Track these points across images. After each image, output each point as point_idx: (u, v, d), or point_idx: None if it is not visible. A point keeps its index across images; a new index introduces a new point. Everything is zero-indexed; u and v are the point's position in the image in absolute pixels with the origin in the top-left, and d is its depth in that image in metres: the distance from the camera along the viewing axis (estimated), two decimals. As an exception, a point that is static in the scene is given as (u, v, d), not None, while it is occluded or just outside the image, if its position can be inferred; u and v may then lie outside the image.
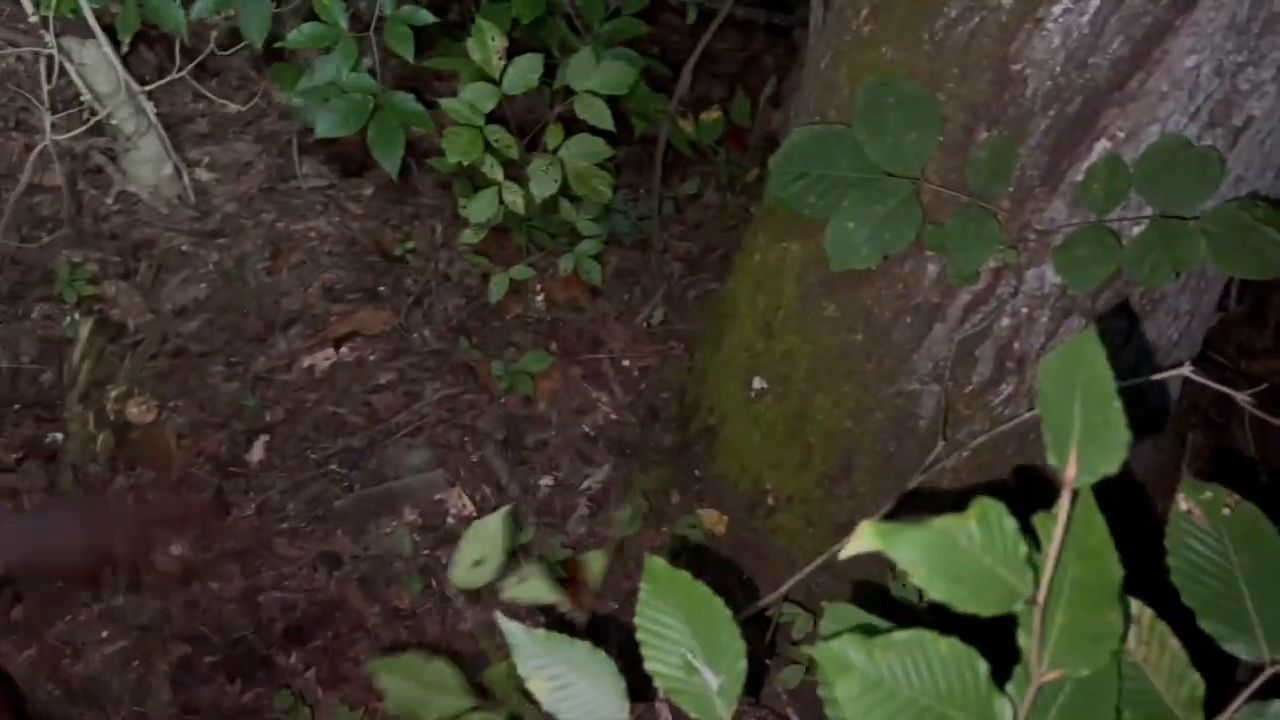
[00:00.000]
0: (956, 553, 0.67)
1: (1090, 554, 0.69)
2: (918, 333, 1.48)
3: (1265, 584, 0.77)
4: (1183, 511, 0.80)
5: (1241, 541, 0.79)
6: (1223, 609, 0.77)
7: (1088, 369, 0.68)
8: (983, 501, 0.69)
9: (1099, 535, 0.70)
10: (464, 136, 1.65)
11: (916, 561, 0.66)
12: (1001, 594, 0.67)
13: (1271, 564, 0.78)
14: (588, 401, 2.05)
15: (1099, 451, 0.66)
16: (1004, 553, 0.67)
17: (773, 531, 1.78)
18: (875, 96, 1.30)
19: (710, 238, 2.40)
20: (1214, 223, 1.16)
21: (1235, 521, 0.79)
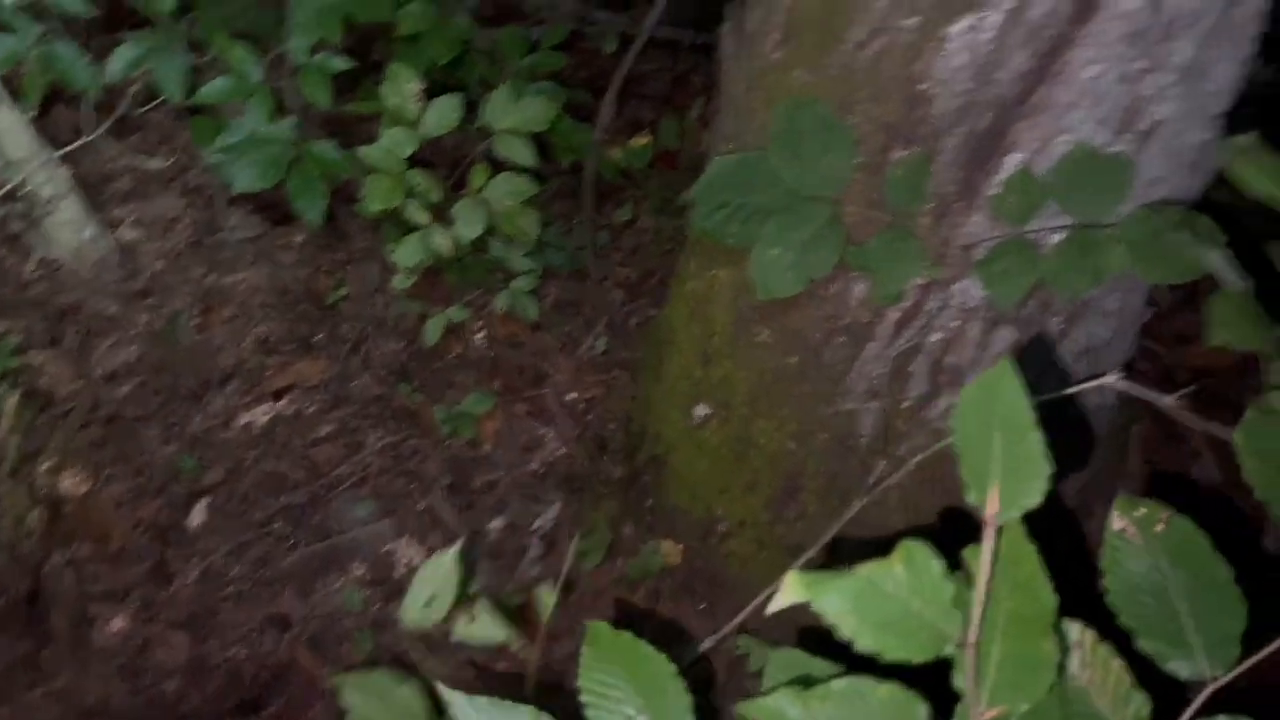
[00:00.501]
0: (883, 599, 0.66)
1: (1022, 585, 0.68)
2: (850, 352, 1.47)
3: (1202, 599, 0.77)
4: (1117, 530, 0.80)
5: (1177, 557, 0.78)
6: (1160, 628, 0.77)
7: (1005, 401, 0.67)
8: (908, 544, 0.68)
9: (1030, 565, 0.69)
10: (383, 184, 1.63)
11: (844, 612, 0.65)
12: (930, 639, 0.67)
13: (1207, 578, 0.77)
14: (534, 438, 2.03)
15: (1020, 485, 0.65)
16: (931, 595, 0.67)
17: (726, 558, 1.77)
18: (789, 122, 1.30)
19: (648, 262, 2.39)
20: (1130, 229, 1.16)
21: (1170, 537, 0.78)
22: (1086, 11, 1.11)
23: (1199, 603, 0.76)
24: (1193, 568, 0.77)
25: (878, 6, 1.20)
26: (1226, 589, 0.76)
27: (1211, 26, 1.16)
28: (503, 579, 1.82)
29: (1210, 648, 0.75)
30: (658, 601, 1.79)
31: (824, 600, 0.66)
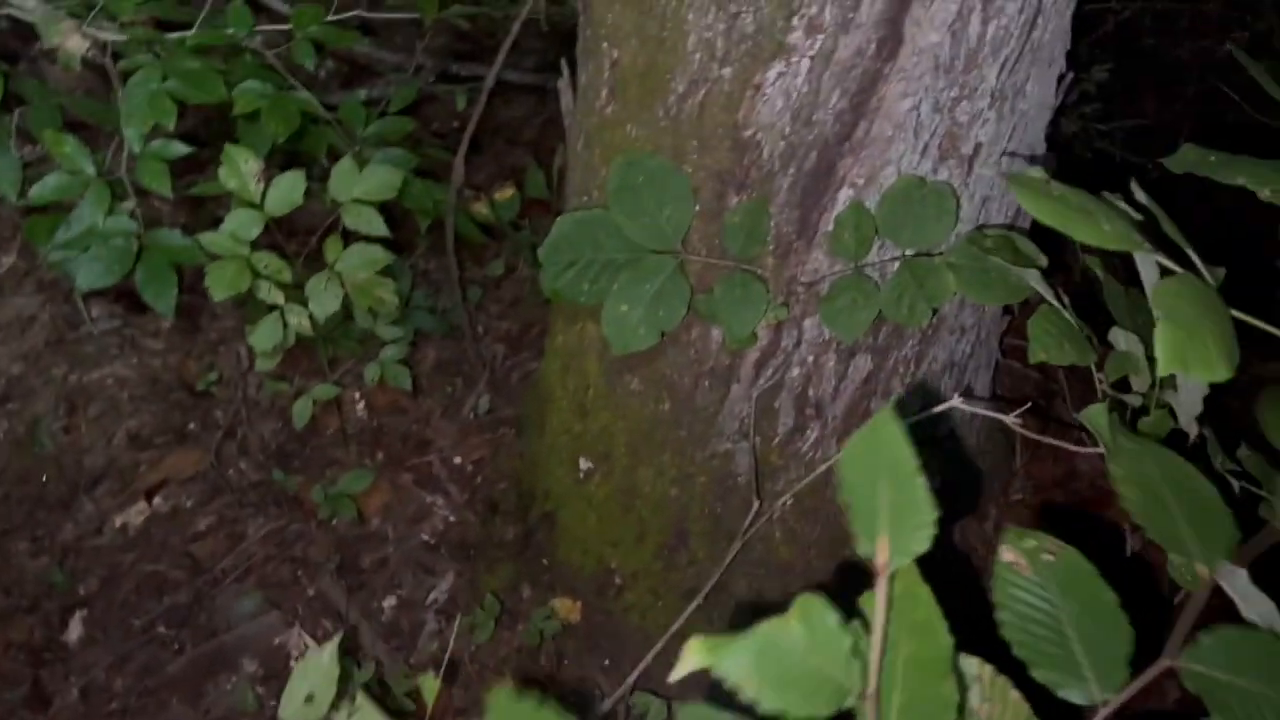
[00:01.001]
0: (783, 657, 0.65)
1: (919, 628, 0.68)
2: (718, 395, 1.47)
3: (1090, 625, 0.78)
4: (1006, 563, 0.80)
5: (1065, 587, 0.79)
6: (1053, 656, 0.78)
7: (888, 450, 0.67)
8: (804, 600, 0.67)
9: (925, 608, 0.69)
10: (228, 269, 1.58)
11: (745, 675, 0.64)
12: (831, 693, 0.66)
13: (1095, 605, 0.79)
14: (422, 508, 1.98)
15: (907, 532, 0.65)
16: (829, 649, 0.66)
17: (625, 611, 1.75)
18: (625, 176, 1.30)
19: (528, 314, 2.37)
20: (958, 256, 1.19)
21: (1058, 568, 0.80)
22: (891, 48, 1.13)
23: (1087, 629, 0.78)
24: (1081, 596, 0.79)
25: (694, 58, 1.21)
26: (1113, 614, 0.78)
27: (1015, 51, 1.19)
28: (400, 659, 1.77)
29: (1100, 673, 0.76)
30: (561, 664, 1.76)
31: (725, 665, 0.64)
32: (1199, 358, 0.63)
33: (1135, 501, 0.80)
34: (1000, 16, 1.14)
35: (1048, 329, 0.99)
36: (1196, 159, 0.84)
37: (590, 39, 1.36)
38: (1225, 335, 0.66)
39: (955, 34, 1.13)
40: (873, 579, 0.68)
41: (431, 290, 2.26)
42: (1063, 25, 1.26)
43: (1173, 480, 0.78)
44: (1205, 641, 0.74)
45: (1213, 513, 0.78)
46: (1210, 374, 0.62)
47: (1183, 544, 0.78)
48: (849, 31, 1.12)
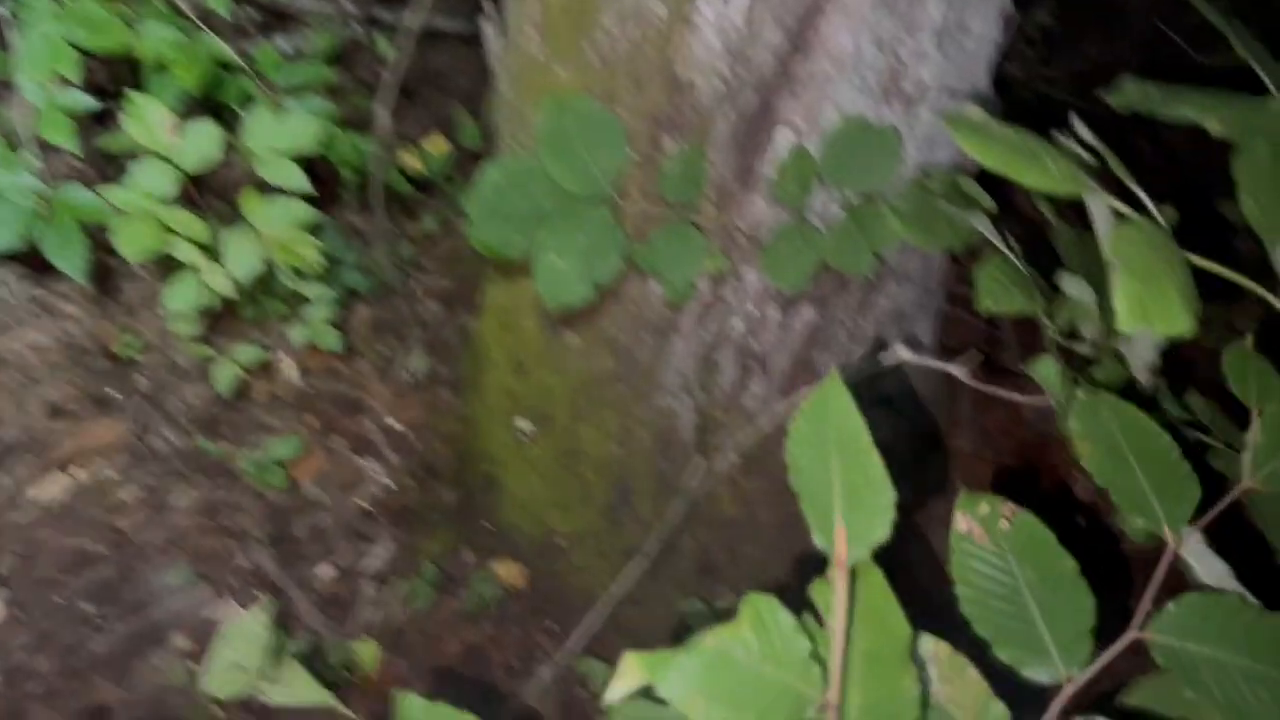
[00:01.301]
0: (735, 671, 0.58)
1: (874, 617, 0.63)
2: (659, 349, 1.42)
3: (1051, 596, 0.74)
4: (962, 533, 0.76)
5: (1023, 554, 0.75)
6: (1015, 633, 0.74)
7: (838, 423, 0.61)
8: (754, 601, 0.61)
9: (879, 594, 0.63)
10: (139, 228, 1.48)
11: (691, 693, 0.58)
12: (791, 705, 0.59)
13: (1054, 574, 0.75)
14: (357, 473, 1.92)
15: (865, 518, 0.60)
16: (785, 655, 0.60)
17: (569, 574, 1.71)
18: (555, 121, 1.23)
19: (464, 271, 2.29)
20: (903, 200, 1.14)
21: (1015, 534, 0.75)
22: (830, -19, 1.07)
23: (1048, 601, 0.74)
24: (1039, 564, 0.75)
25: (625, -8, 1.14)
26: (1074, 583, 0.74)
27: (959, -16, 1.14)
28: (336, 629, 1.71)
29: (1063, 648, 0.73)
30: (505, 626, 1.71)
31: (667, 683, 0.57)
32: (1160, 310, 0.59)
33: (1095, 460, 0.76)
34: (944, -54, 1.09)
35: (995, 277, 0.95)
36: (1138, 93, 0.80)
37: (515, -25, 1.28)
38: (1185, 285, 0.62)
39: (897, -36, 1.08)
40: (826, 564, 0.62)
41: (362, 247, 2.17)
42: (1008, -43, 1.21)
43: (1133, 436, 0.74)
44: (1173, 611, 0.71)
45: (1175, 471, 0.74)
46: (1173, 327, 0.58)
47: (1146, 505, 0.74)
48: (786, -38, 1.06)
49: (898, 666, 0.64)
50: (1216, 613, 0.73)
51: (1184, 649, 0.73)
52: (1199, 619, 0.73)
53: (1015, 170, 0.61)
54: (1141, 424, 0.79)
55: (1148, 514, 0.77)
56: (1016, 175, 0.61)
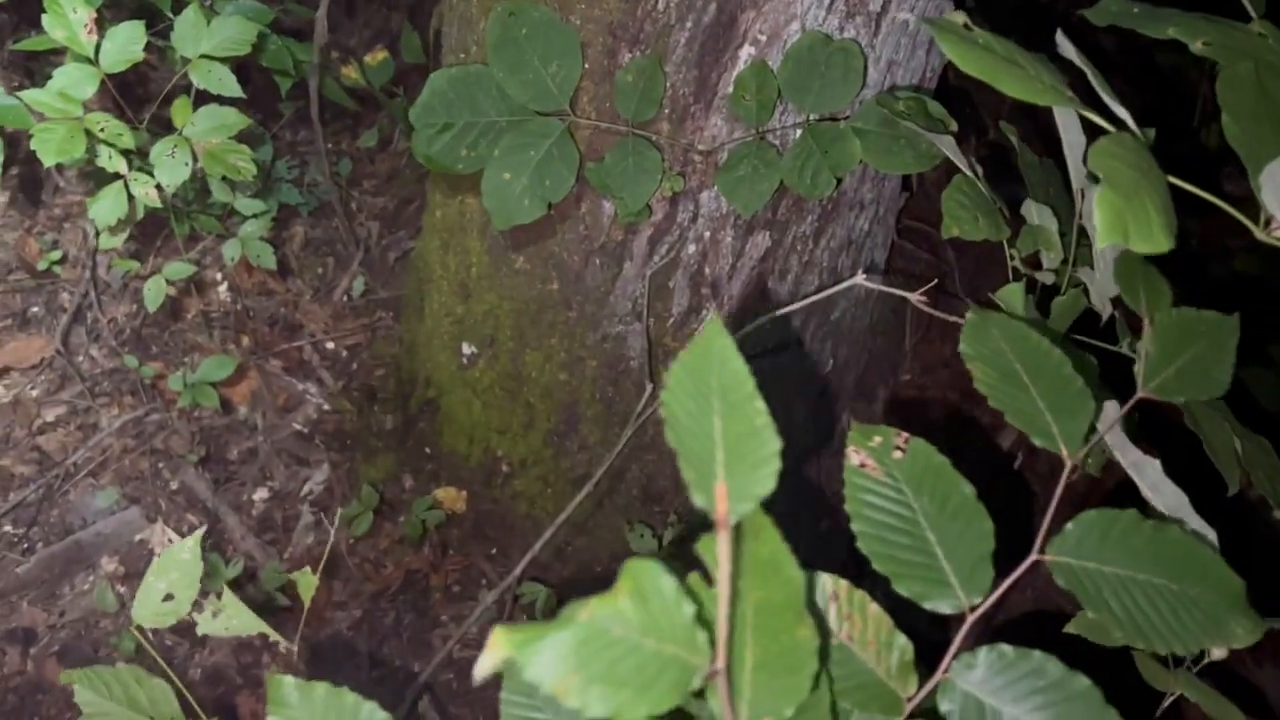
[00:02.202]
0: (613, 646, 0.53)
1: (766, 568, 0.59)
2: (609, 273, 1.39)
3: (948, 525, 0.71)
4: (855, 466, 0.73)
5: (919, 484, 0.72)
6: (915, 566, 0.71)
7: (720, 371, 0.56)
8: (632, 566, 0.57)
9: (771, 543, 0.60)
10: (58, 132, 1.39)
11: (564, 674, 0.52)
12: (675, 677, 0.55)
13: (951, 501, 0.72)
14: (294, 396, 1.86)
15: (748, 472, 0.55)
16: (667, 625, 0.55)
17: (513, 499, 1.68)
18: (507, 29, 1.17)
19: (405, 189, 2.21)
20: (865, 121, 1.11)
21: (909, 464, 0.72)
22: (800, -114, 1.02)
23: (946, 530, 0.71)
24: (935, 493, 0.72)
25: (582, -109, 1.08)
26: (972, 509, 0.71)
27: (930, -103, 1.10)
28: (273, 554, 1.67)
29: (964, 576, 0.71)
30: (445, 555, 1.69)
31: (536, 664, 0.51)
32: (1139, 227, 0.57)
33: (987, 380, 0.74)
34: None
35: (961, 201, 0.92)
36: (1120, 10, 0.77)
37: None
38: (1164, 202, 0.60)
39: (869, -128, 1.03)
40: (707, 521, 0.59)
41: (297, 162, 2.08)
42: (980, -128, 1.17)
43: (1025, 355, 0.72)
44: (1071, 530, 0.70)
45: (1068, 388, 0.72)
46: (1151, 244, 0.56)
47: (1041, 424, 0.72)
48: None
49: (792, 617, 0.60)
50: (1114, 530, 0.71)
51: (1083, 568, 0.71)
52: (1097, 538, 0.71)
53: (997, 78, 0.58)
54: (1033, 342, 0.76)
55: (1043, 433, 0.74)
56: (998, 83, 0.58)
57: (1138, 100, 0.80)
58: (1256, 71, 0.65)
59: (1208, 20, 0.70)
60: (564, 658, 0.48)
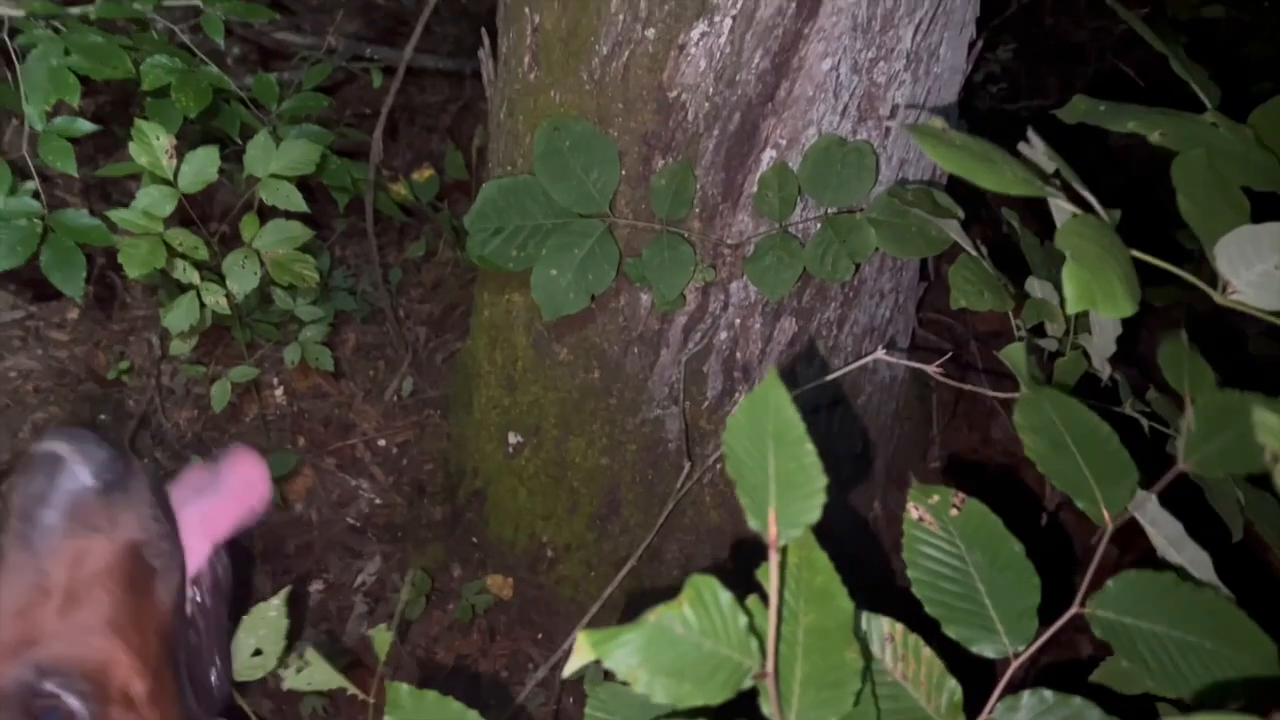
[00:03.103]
0: (676, 644, 0.63)
1: (818, 596, 0.67)
2: (647, 360, 1.48)
3: (998, 577, 0.78)
4: (914, 519, 0.81)
5: (972, 539, 0.80)
6: (964, 612, 0.78)
7: (775, 417, 0.66)
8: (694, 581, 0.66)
9: (824, 575, 0.68)
10: (142, 248, 1.53)
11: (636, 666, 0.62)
12: (729, 675, 0.64)
13: (1001, 556, 0.79)
14: (347, 492, 1.95)
15: (797, 502, 0.64)
16: (724, 630, 0.64)
17: (557, 584, 1.75)
18: (551, 141, 1.30)
19: (450, 296, 2.35)
20: (878, 212, 1.22)
21: (964, 521, 0.80)
22: (811, 8, 1.15)
23: (996, 582, 0.78)
24: (988, 548, 0.79)
25: (618, 19, 1.22)
26: (1020, 565, 0.79)
27: (928, 14, 1.22)
28: (329, 643, 1.74)
29: (1010, 625, 0.77)
30: (493, 639, 1.75)
31: (613, 657, 0.62)
32: (1104, 294, 0.65)
33: (1038, 449, 0.82)
34: (914, -22, 1.17)
35: (968, 277, 1.02)
36: (1087, 108, 0.88)
37: (512, 5, 1.35)
38: (1127, 272, 0.68)
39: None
40: None
41: (351, 272, 2.22)
42: (972, -10, 1.30)
43: (1073, 426, 0.80)
44: (1112, 587, 0.76)
45: (1114, 459, 0.80)
46: (1115, 310, 0.65)
47: (1087, 489, 0.80)
48: (770, -9, 1.14)
49: (841, 640, 0.68)
50: (1152, 589, 0.78)
51: (1120, 622, 0.78)
52: (1135, 595, 0.78)
53: (974, 174, 0.67)
54: (1080, 413, 0.84)
55: (1088, 498, 0.82)
56: (975, 178, 0.67)
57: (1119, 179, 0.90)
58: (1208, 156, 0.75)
59: (1164, 114, 0.80)
60: (635, 652, 0.57)
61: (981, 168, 0.70)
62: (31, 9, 1.76)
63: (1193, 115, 0.85)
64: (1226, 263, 0.73)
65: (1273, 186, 0.82)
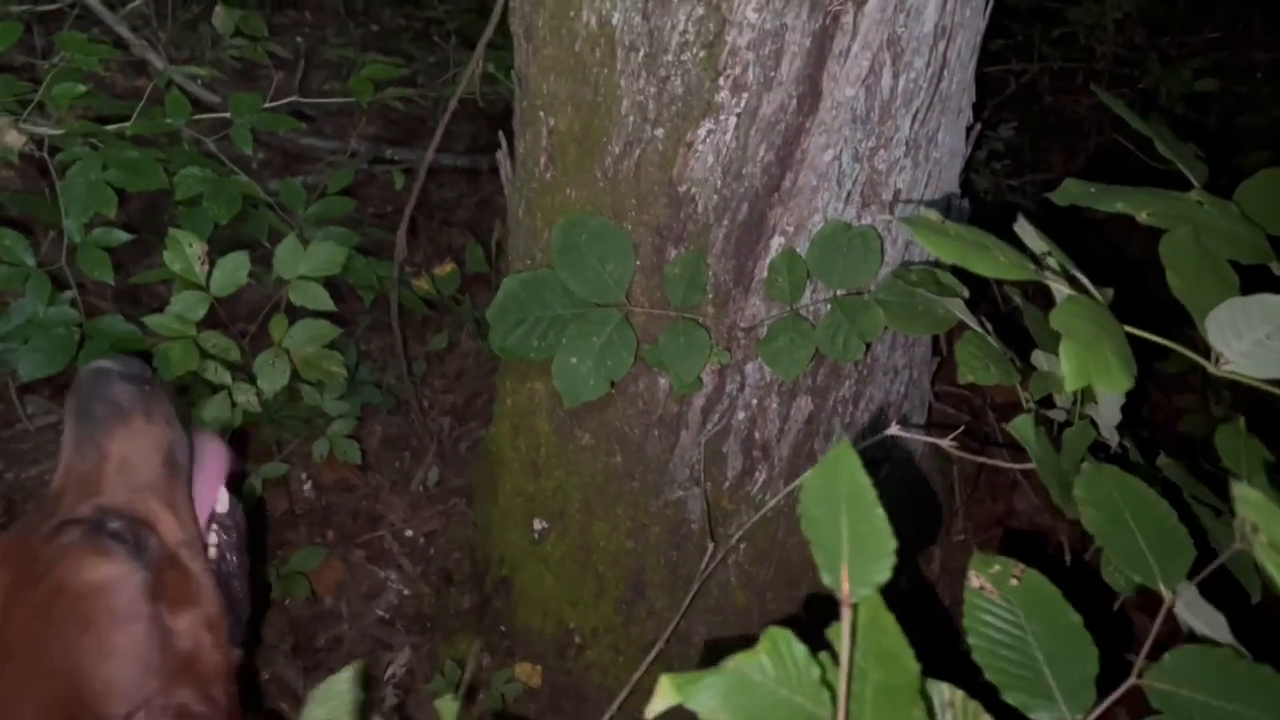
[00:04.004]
0: (753, 690, 0.66)
1: (886, 656, 0.70)
2: (668, 443, 1.52)
3: (1057, 646, 0.80)
4: (975, 588, 0.83)
5: (1032, 609, 0.82)
6: (1023, 679, 0.80)
7: (847, 480, 0.69)
8: (772, 632, 0.70)
9: (892, 636, 0.71)
10: (176, 351, 1.59)
11: (717, 708, 0.66)
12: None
13: (1059, 626, 0.81)
14: (376, 583, 1.97)
15: (869, 562, 0.68)
16: (798, 679, 0.67)
17: (586, 670, 1.75)
18: (568, 236, 1.36)
19: (473, 385, 2.39)
20: (886, 292, 1.26)
21: (1024, 591, 0.82)
22: (811, 103, 1.21)
23: (1054, 651, 0.80)
24: (1046, 618, 0.81)
25: (628, 120, 1.28)
26: (1078, 635, 0.81)
27: (925, 102, 1.28)
28: (361, 736, 1.74)
29: (1068, 694, 0.79)
30: (524, 728, 1.75)
31: (696, 700, 0.66)
32: (1100, 371, 0.69)
33: (1097, 523, 0.84)
34: (909, 70, 1.23)
35: (974, 352, 1.05)
36: (1078, 191, 0.92)
37: (527, 109, 1.42)
38: (1121, 348, 0.72)
39: (869, 88, 1.22)
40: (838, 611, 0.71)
41: (376, 366, 2.28)
42: (966, 78, 1.36)
43: (1132, 503, 0.83)
44: (1169, 660, 0.78)
45: (1171, 535, 0.82)
46: (1112, 385, 0.68)
47: (1144, 565, 0.82)
48: (771, 89, 1.20)
49: (908, 699, 0.71)
50: (1210, 663, 0.79)
51: (1178, 695, 0.79)
52: (1193, 668, 0.80)
53: (968, 261, 0.72)
54: (1141, 492, 0.86)
55: (1145, 573, 0.83)
56: (970, 265, 0.71)
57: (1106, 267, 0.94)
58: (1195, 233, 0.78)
59: (1151, 193, 0.84)
60: (717, 696, 0.61)
61: (976, 255, 0.74)
62: (70, 128, 1.85)
63: (1179, 194, 0.89)
64: (1218, 335, 0.76)
65: (1259, 259, 0.86)
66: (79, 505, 1.05)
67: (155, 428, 1.13)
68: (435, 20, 3.84)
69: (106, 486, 1.07)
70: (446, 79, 3.02)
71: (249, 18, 2.39)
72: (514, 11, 1.39)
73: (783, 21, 1.15)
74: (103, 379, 1.13)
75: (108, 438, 1.09)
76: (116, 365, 1.15)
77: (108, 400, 1.11)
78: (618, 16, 1.21)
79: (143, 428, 1.12)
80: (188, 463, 1.19)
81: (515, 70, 1.44)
